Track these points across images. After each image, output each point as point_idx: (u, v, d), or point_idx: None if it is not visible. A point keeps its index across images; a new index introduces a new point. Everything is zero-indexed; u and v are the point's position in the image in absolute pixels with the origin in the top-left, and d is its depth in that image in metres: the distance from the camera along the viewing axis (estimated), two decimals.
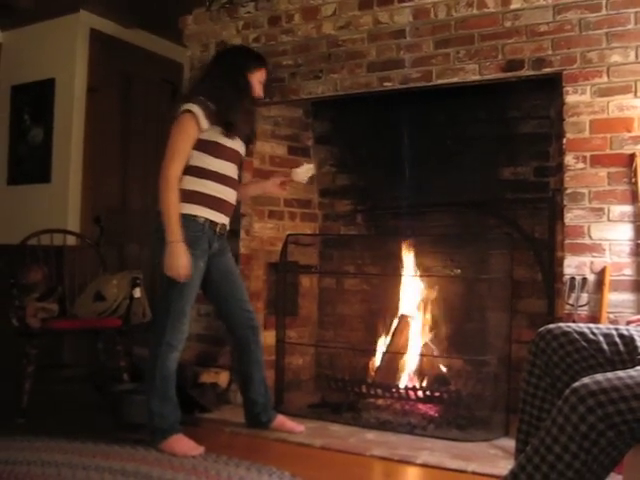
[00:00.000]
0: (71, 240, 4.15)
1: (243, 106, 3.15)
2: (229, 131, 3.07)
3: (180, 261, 2.90)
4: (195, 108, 2.97)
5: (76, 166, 4.44)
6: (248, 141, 3.34)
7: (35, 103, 4.53)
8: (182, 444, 2.95)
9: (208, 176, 3.03)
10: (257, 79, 3.23)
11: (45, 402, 3.69)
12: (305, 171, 3.43)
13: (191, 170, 3.00)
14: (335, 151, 4.37)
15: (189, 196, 2.99)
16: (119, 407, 3.34)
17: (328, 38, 3.79)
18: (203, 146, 3.02)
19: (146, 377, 3.03)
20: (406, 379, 3.79)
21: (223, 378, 3.85)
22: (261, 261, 4.13)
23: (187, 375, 3.73)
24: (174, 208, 2.91)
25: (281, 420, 3.38)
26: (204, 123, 2.99)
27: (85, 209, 4.51)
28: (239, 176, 3.27)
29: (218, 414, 3.68)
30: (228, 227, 3.20)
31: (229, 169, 3.13)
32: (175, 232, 2.89)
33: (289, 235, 4.08)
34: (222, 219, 3.12)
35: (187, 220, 2.96)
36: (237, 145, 3.18)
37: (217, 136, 3.06)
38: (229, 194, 3.14)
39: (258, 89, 3.25)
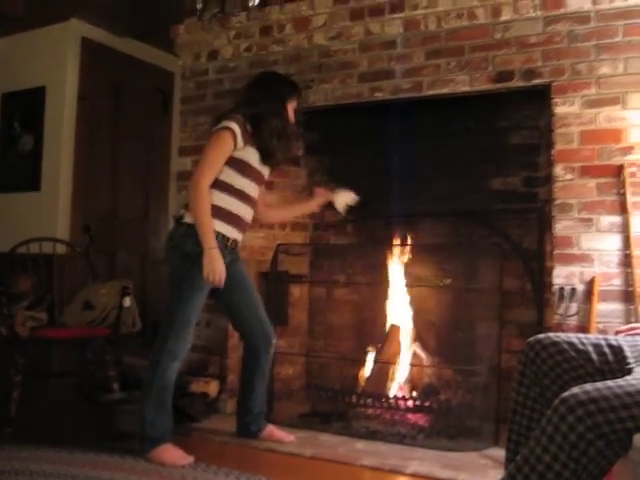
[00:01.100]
0: (60, 249, 4.13)
1: (285, 135, 3.24)
2: (267, 159, 3.19)
3: (218, 266, 2.95)
4: (234, 126, 3.05)
5: (66, 174, 4.43)
6: (276, 165, 3.38)
7: (25, 111, 4.52)
8: (171, 454, 2.93)
9: (231, 192, 3.09)
10: (292, 107, 3.31)
11: (33, 411, 3.67)
12: (344, 197, 3.51)
13: (216, 184, 3.05)
14: (325, 161, 4.37)
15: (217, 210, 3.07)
16: (108, 417, 3.33)
17: (319, 48, 3.81)
18: (233, 163, 3.09)
19: (144, 384, 3.01)
20: (396, 389, 3.79)
21: (213, 387, 3.84)
22: (251, 270, 4.11)
23: (176, 385, 3.71)
24: (208, 216, 2.97)
25: (270, 430, 3.38)
26: (240, 142, 3.06)
27: (75, 217, 4.50)
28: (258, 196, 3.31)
29: (207, 423, 3.66)
30: (240, 243, 3.25)
31: (252, 189, 3.19)
32: (211, 239, 2.95)
33: (279, 245, 4.08)
34: (235, 235, 3.16)
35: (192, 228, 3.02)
36: (264, 167, 3.26)
37: (249, 157, 3.13)
38: (247, 212, 3.20)
39: (292, 116, 3.32)
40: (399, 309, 3.94)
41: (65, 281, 4.03)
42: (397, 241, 4.00)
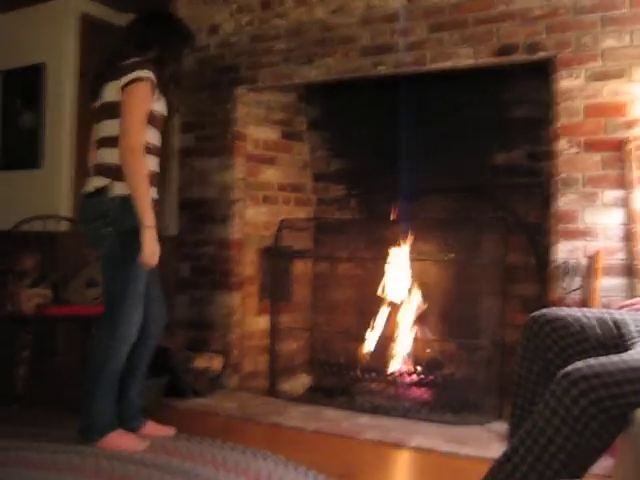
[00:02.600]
0: (63, 226, 4.13)
1: (179, 82, 3.04)
2: (167, 106, 2.91)
3: (157, 248, 2.74)
4: (152, 75, 2.78)
5: (67, 151, 4.41)
6: (171, 114, 3.10)
7: (26, 88, 4.50)
8: (127, 439, 2.82)
9: (149, 150, 2.82)
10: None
11: (39, 388, 3.69)
12: None
13: None
14: (329, 136, 4.36)
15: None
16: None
17: (321, 22, 3.77)
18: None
19: (92, 371, 2.80)
20: (399, 363, 3.81)
21: (217, 363, 3.85)
22: (254, 246, 4.13)
23: (179, 360, 3.73)
24: (147, 187, 2.72)
25: (151, 426, 3.07)
26: (156, 92, 2.82)
27: (77, 194, 4.48)
28: None
29: (211, 399, 3.69)
30: None
31: (159, 139, 2.94)
32: (151, 215, 2.71)
33: (283, 220, 4.07)
34: (155, 195, 2.88)
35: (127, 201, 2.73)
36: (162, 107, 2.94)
37: (156, 105, 2.85)
38: (158, 166, 2.95)
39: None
40: (403, 284, 3.94)
41: (68, 258, 4.04)
42: (400, 216, 3.99)
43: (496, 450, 2.62)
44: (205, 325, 4.04)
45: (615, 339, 1.88)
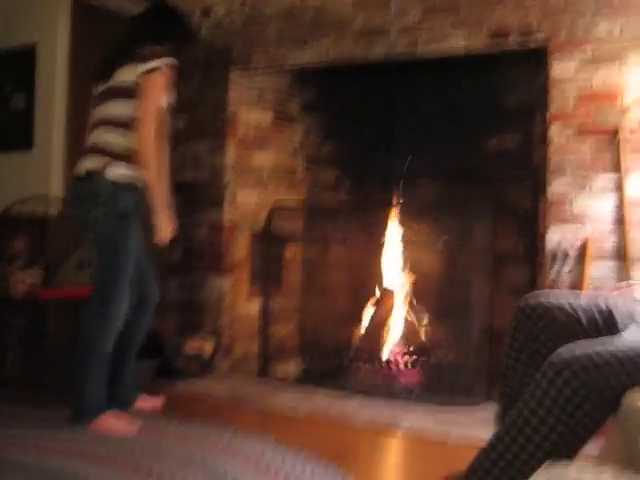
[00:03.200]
0: (54, 209, 4.11)
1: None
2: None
3: (171, 227, 2.87)
4: (166, 68, 2.83)
5: (59, 133, 4.38)
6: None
7: (17, 69, 4.46)
8: (119, 421, 2.80)
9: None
10: None
11: (30, 372, 3.69)
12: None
13: (129, 123, 2.79)
14: (321, 120, 4.35)
15: (128, 155, 2.80)
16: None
17: (314, 5, 3.75)
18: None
19: (84, 351, 2.81)
20: (390, 347, 3.83)
21: (208, 347, 3.87)
22: (245, 230, 4.12)
23: (171, 343, 3.74)
24: (157, 170, 2.79)
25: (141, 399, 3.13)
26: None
27: (68, 176, 4.45)
28: None
29: (203, 382, 3.70)
30: None
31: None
32: (164, 199, 2.82)
33: (274, 204, 4.07)
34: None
35: (127, 185, 2.80)
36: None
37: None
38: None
39: None
40: (393, 269, 3.95)
41: (59, 241, 4.02)
42: (392, 201, 3.99)
43: (486, 433, 2.64)
44: (196, 308, 4.04)
45: (601, 326, 1.89)
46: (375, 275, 4.01)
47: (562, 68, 3.14)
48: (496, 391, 2.25)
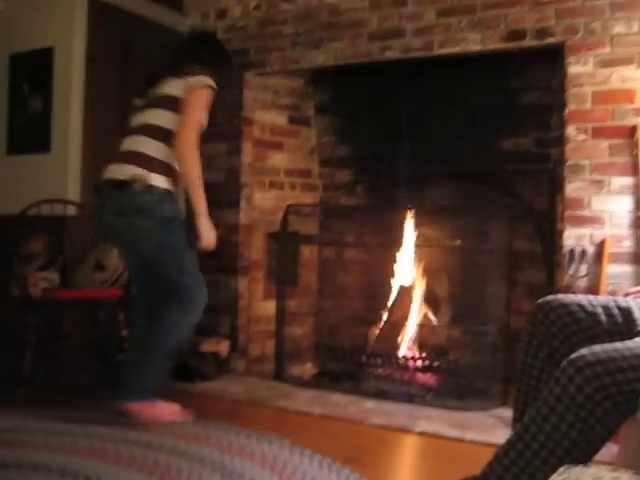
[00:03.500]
0: (71, 210, 4.14)
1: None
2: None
3: (214, 233, 2.95)
4: (214, 86, 2.93)
5: (76, 135, 4.41)
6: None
7: (34, 72, 4.49)
8: (166, 407, 2.92)
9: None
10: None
11: (47, 371, 3.72)
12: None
13: (170, 134, 2.89)
14: (336, 121, 4.35)
15: (170, 169, 2.91)
16: (121, 376, 3.37)
17: (329, 7, 3.76)
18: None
19: (161, 338, 2.91)
20: (405, 349, 3.82)
21: (224, 347, 3.88)
22: (261, 231, 4.14)
23: (187, 344, 3.75)
24: (201, 179, 2.88)
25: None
26: None
27: (85, 178, 4.49)
28: None
29: (218, 383, 3.71)
30: None
31: None
32: (205, 205, 2.89)
33: (289, 205, 4.08)
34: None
35: (168, 194, 2.90)
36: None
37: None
38: None
39: None
40: (409, 270, 3.95)
41: (76, 242, 4.05)
42: (407, 202, 3.99)
43: (500, 436, 2.63)
44: (212, 309, 4.02)
45: (621, 326, 1.89)
46: (391, 276, 4.01)
47: (577, 69, 3.13)
48: (512, 394, 2.24)
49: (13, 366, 3.52)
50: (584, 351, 1.55)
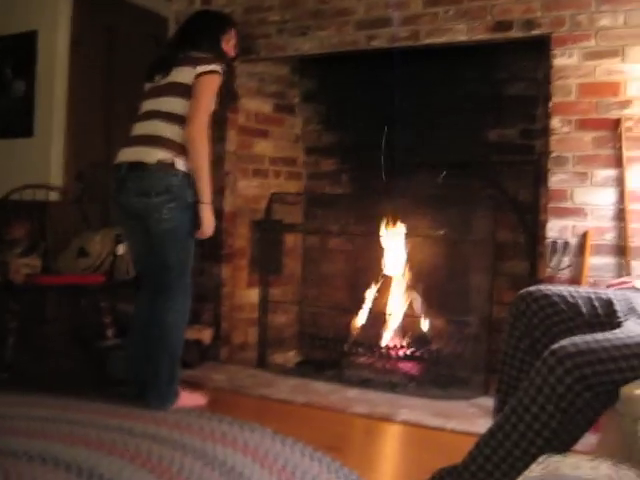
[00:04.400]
0: (54, 196, 4.12)
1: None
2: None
3: (213, 221, 2.98)
4: (221, 70, 2.97)
5: (59, 120, 4.38)
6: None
7: (17, 56, 4.45)
8: (190, 396, 3.03)
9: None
10: (227, 41, 3.18)
11: (29, 358, 3.70)
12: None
13: (182, 120, 2.92)
14: (321, 109, 4.34)
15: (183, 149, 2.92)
16: (104, 362, 3.36)
17: None
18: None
19: (165, 344, 2.94)
20: (388, 338, 3.83)
21: (206, 335, 3.87)
22: (245, 219, 4.12)
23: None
24: (208, 166, 2.91)
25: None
26: None
27: (68, 164, 4.46)
28: None
29: (201, 370, 3.71)
30: None
31: None
32: (210, 193, 2.93)
33: (274, 193, 4.07)
34: None
35: (189, 177, 2.91)
36: None
37: None
38: None
39: (230, 51, 3.22)
40: (392, 259, 3.95)
41: (58, 228, 4.03)
42: (391, 191, 3.99)
43: (482, 425, 2.65)
44: (195, 297, 4.01)
45: (602, 318, 1.90)
46: (374, 265, 4.01)
47: (563, 61, 3.13)
48: (493, 384, 2.26)
49: None
50: (565, 342, 1.57)
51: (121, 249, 3.75)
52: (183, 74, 2.94)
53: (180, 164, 2.87)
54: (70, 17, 4.42)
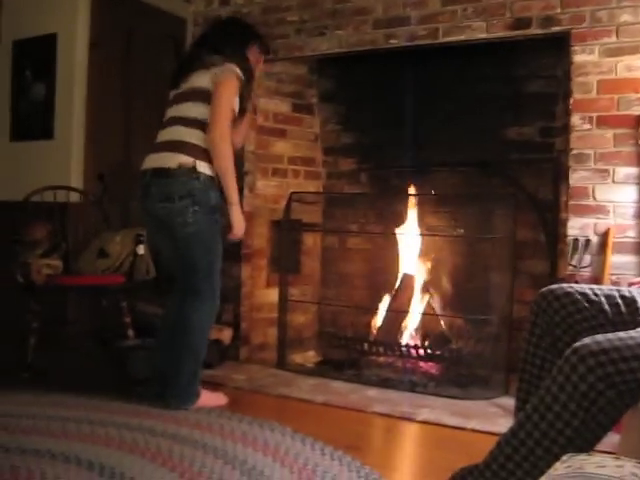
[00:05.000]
0: (74, 197, 4.14)
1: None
2: (243, 107, 3.09)
3: (243, 222, 3.00)
4: (239, 72, 2.98)
5: (79, 122, 4.41)
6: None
7: (37, 59, 4.48)
8: (211, 396, 3.05)
9: None
10: (253, 55, 3.19)
11: (50, 358, 3.73)
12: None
13: (205, 125, 2.94)
14: (340, 109, 4.34)
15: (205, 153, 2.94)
16: (124, 362, 3.38)
17: None
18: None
19: (192, 338, 2.97)
20: (408, 337, 3.82)
21: (226, 335, 3.88)
22: (264, 219, 4.13)
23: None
24: (233, 168, 2.93)
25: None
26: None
27: (88, 165, 4.49)
28: None
29: (221, 370, 3.72)
30: None
31: None
32: (237, 194, 2.95)
33: (293, 193, 4.07)
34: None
35: (212, 180, 2.94)
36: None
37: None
38: None
39: (255, 66, 3.23)
40: (412, 258, 3.94)
41: (79, 229, 4.05)
42: (411, 191, 3.98)
43: (502, 425, 2.64)
44: None
45: (624, 316, 1.88)
46: (394, 265, 4.00)
47: (583, 57, 3.11)
48: (514, 384, 2.25)
49: (16, 352, 3.53)
50: (587, 340, 1.55)
51: (141, 249, 3.77)
52: (201, 79, 2.98)
53: (202, 167, 2.89)
54: (89, 19, 4.45)
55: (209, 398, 3.04)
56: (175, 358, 2.95)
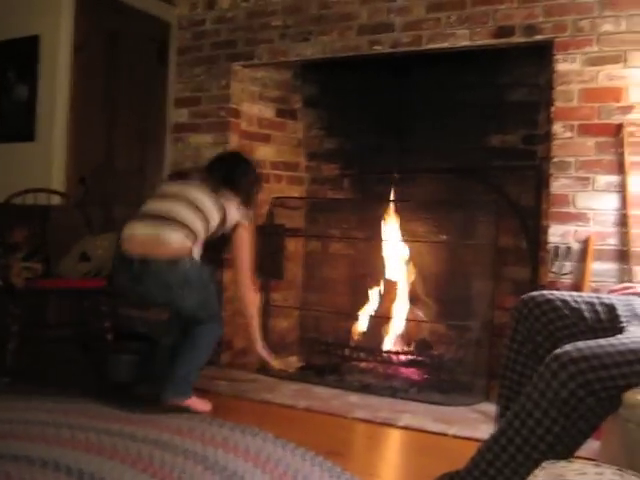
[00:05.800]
0: (56, 200, 4.11)
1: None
2: None
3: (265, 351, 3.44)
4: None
5: (61, 125, 4.38)
6: None
7: (19, 60, 4.45)
8: (198, 401, 3.08)
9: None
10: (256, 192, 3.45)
11: (30, 362, 3.69)
12: (284, 363, 3.83)
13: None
14: (323, 114, 4.34)
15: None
16: (105, 367, 3.36)
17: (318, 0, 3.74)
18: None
19: (198, 346, 3.09)
20: (390, 343, 3.83)
21: None
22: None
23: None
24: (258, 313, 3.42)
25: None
26: None
27: (70, 168, 4.46)
28: None
29: (203, 375, 3.69)
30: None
31: None
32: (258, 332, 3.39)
33: (275, 198, 4.07)
34: None
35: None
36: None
37: None
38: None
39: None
40: (394, 264, 3.95)
41: (60, 232, 4.02)
42: (393, 197, 3.99)
43: (483, 431, 2.65)
44: None
45: (604, 323, 1.90)
46: (376, 270, 4.01)
47: (565, 66, 3.14)
48: (495, 390, 2.26)
49: None
50: (568, 347, 1.56)
51: None
52: (206, 198, 3.10)
53: (196, 252, 3.07)
54: (72, 22, 4.42)
55: (197, 401, 3.06)
56: (178, 360, 3.07)
